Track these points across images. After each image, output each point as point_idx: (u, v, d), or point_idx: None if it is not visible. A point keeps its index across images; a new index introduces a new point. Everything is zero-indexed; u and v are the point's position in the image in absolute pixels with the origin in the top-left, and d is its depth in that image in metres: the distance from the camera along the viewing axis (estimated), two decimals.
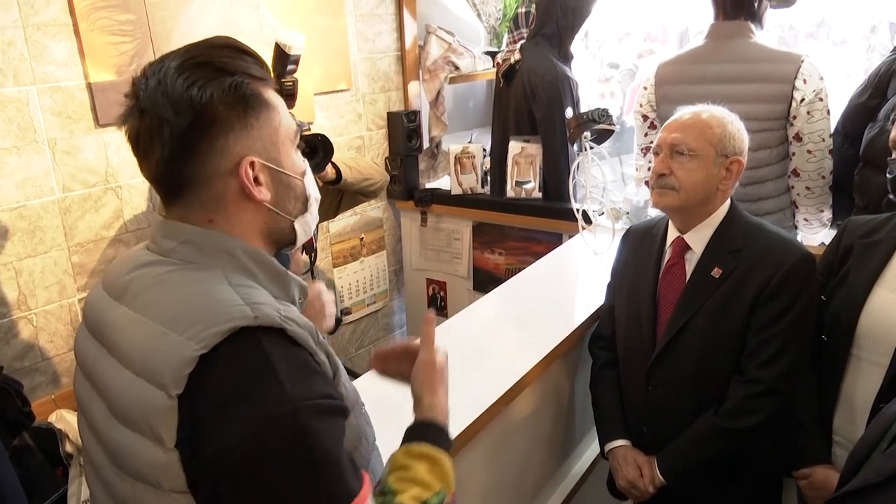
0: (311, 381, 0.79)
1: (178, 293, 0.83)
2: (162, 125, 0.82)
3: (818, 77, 2.00)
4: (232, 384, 0.75)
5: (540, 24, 2.82)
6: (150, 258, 0.89)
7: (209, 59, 0.84)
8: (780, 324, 1.49)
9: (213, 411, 0.74)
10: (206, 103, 0.82)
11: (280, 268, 0.91)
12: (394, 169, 3.18)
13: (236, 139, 0.85)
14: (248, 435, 0.72)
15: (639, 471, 1.64)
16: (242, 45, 0.89)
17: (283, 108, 0.91)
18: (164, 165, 0.84)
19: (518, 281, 2.25)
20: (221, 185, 0.86)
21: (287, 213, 0.93)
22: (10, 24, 1.88)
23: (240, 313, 0.78)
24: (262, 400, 0.74)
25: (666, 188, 1.56)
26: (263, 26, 2.51)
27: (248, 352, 0.76)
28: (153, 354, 0.78)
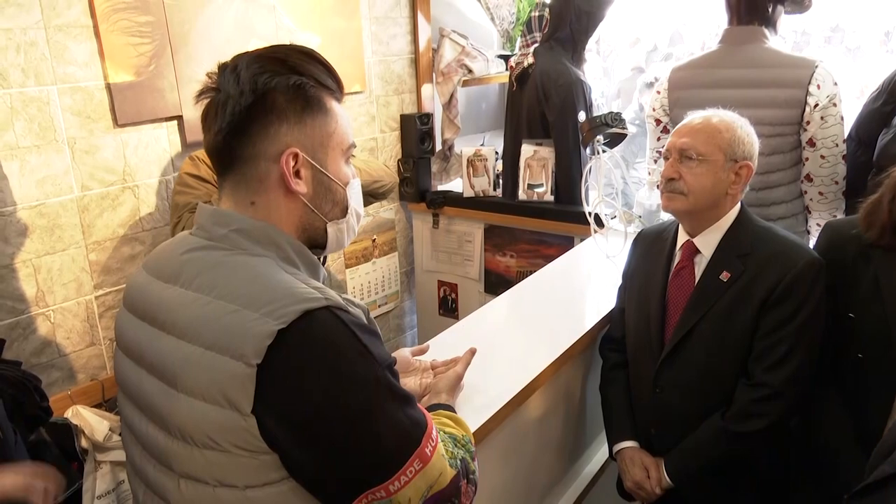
0: (381, 345, 0.92)
1: (243, 275, 0.90)
2: (227, 100, 0.91)
3: (832, 82, 2.00)
4: (327, 355, 0.84)
5: (553, 27, 2.83)
6: (200, 243, 0.96)
7: (285, 57, 0.94)
8: (787, 328, 1.49)
9: (311, 383, 0.83)
10: (268, 90, 0.91)
11: (315, 259, 1.00)
12: (406, 171, 3.20)
13: (288, 130, 0.93)
14: (360, 400, 0.85)
15: (646, 472, 1.65)
16: (320, 57, 0.98)
17: (342, 121, 0.99)
18: (222, 136, 0.93)
19: (529, 284, 2.25)
20: (265, 167, 0.94)
21: (322, 213, 0.99)
22: (32, 24, 1.91)
23: (311, 295, 0.86)
24: (361, 368, 0.86)
25: (675, 192, 1.57)
26: (279, 28, 2.54)
27: (333, 326, 0.86)
28: (228, 328, 0.85)
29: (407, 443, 0.89)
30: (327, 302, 0.86)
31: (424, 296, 3.47)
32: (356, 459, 0.86)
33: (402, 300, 3.47)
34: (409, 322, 3.54)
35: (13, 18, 1.87)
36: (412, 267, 3.48)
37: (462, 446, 1.04)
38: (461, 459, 0.99)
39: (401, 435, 0.89)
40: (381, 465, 0.87)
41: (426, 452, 0.90)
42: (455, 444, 1.03)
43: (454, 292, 3.35)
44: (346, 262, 3.09)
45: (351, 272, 3.12)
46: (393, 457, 0.88)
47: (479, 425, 1.41)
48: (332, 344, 0.85)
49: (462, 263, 3.27)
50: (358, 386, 0.86)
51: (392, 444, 0.88)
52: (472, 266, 3.24)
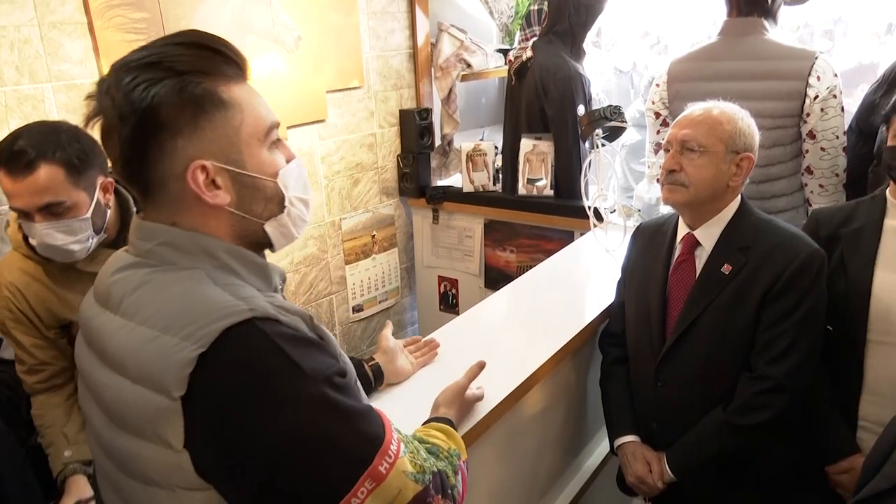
0: (318, 355, 0.82)
1: (164, 295, 0.82)
2: (111, 129, 0.81)
3: (832, 74, 1.99)
4: (252, 377, 0.76)
5: (552, 21, 2.81)
6: (129, 261, 0.88)
7: (159, 59, 0.81)
8: (789, 320, 1.48)
9: (240, 408, 0.75)
10: (147, 107, 0.79)
11: (261, 260, 0.91)
12: (406, 166, 3.19)
13: (186, 142, 0.81)
14: (291, 425, 0.76)
15: (648, 466, 1.64)
16: (206, 41, 0.84)
17: (250, 106, 0.87)
18: (120, 167, 0.84)
19: (529, 278, 2.25)
20: (176, 188, 0.83)
21: (255, 216, 0.89)
22: (26, 22, 1.90)
23: (234, 308, 0.78)
24: (290, 385, 0.77)
25: (676, 184, 1.56)
26: (276, 24, 2.53)
27: (256, 343, 0.77)
28: (148, 359, 0.78)
29: (354, 463, 0.80)
30: (251, 314, 0.78)
31: (425, 291, 3.47)
32: (296, 488, 0.78)
33: (403, 296, 3.47)
34: (409, 318, 3.54)
35: (7, 15, 1.87)
36: (412, 263, 3.47)
37: (444, 458, 0.97)
38: (436, 473, 0.92)
39: (347, 455, 0.80)
40: (326, 492, 0.79)
41: (380, 471, 0.82)
42: (434, 455, 0.97)
43: (454, 288, 3.35)
44: (346, 258, 3.08)
45: (351, 268, 3.12)
46: (338, 481, 0.79)
47: (478, 420, 1.41)
48: (254, 363, 0.76)
49: (462, 259, 3.27)
50: (287, 407, 0.77)
51: (336, 467, 0.79)
52: (472, 261, 3.24)
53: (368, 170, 3.10)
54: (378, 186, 3.18)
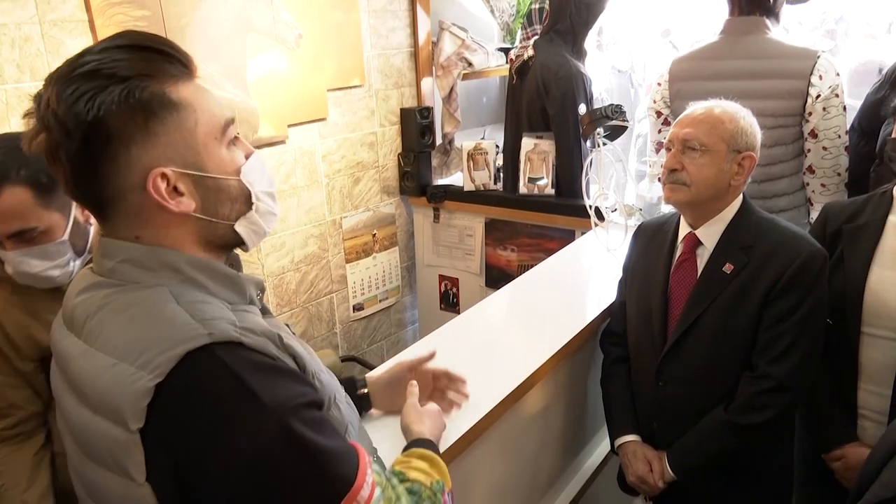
0: (283, 383, 0.77)
1: (124, 317, 0.78)
2: (58, 148, 0.76)
3: (834, 73, 1.99)
4: (207, 407, 0.72)
5: (553, 20, 2.81)
6: (92, 280, 0.84)
7: (97, 67, 0.75)
8: (791, 319, 1.48)
9: (197, 440, 0.72)
10: (93, 119, 0.74)
11: (230, 271, 0.86)
12: (407, 165, 3.19)
13: (140, 151, 0.77)
14: (246, 457, 0.72)
15: (649, 466, 1.64)
16: (146, 41, 0.79)
17: (201, 104, 0.81)
18: (73, 186, 0.79)
19: (530, 277, 2.24)
20: (136, 200, 0.79)
21: (223, 218, 0.85)
22: (26, 19, 1.90)
23: (192, 333, 0.74)
24: (245, 418, 0.72)
25: (677, 183, 1.55)
26: (277, 22, 2.52)
27: (212, 371, 0.73)
28: (106, 388, 0.74)
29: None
30: (209, 339, 0.73)
31: (425, 290, 3.46)
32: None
33: (403, 295, 3.46)
34: (410, 317, 3.54)
35: (7, 13, 1.86)
36: (413, 261, 3.47)
37: (428, 498, 0.91)
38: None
39: (307, 498, 0.75)
40: None
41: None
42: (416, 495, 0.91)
43: (455, 287, 3.34)
44: (347, 256, 3.08)
45: (351, 267, 3.12)
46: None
47: (479, 419, 1.41)
48: (209, 393, 0.72)
49: (463, 258, 3.26)
50: (242, 441, 0.72)
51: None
52: (472, 260, 3.23)
53: (369, 168, 3.10)
54: (379, 185, 3.17)
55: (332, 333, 3.10)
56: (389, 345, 3.42)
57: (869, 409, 1.60)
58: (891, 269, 1.54)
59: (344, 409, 0.95)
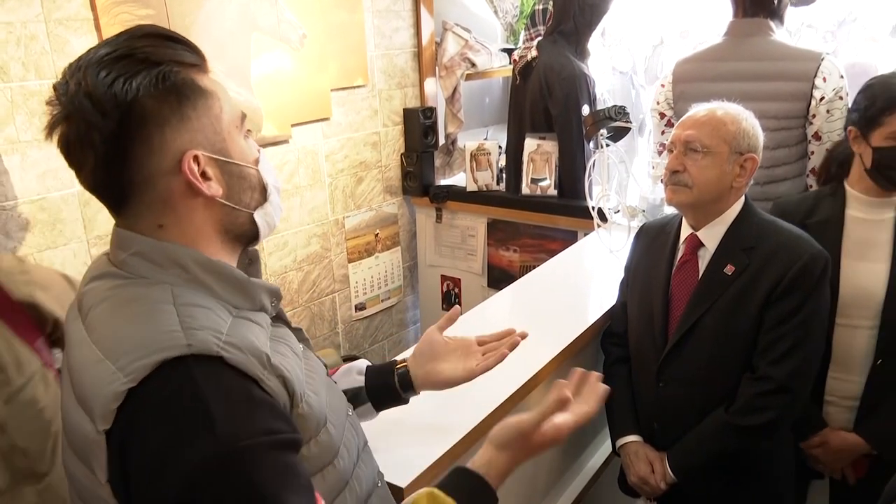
0: (253, 415, 0.73)
1: (119, 314, 0.78)
2: (90, 130, 0.75)
3: (838, 75, 1.99)
4: (162, 424, 0.70)
5: (557, 21, 2.81)
6: (105, 269, 0.84)
7: (130, 51, 0.77)
8: (792, 321, 1.48)
9: (144, 454, 0.70)
10: (132, 99, 0.75)
11: (240, 276, 0.85)
12: (409, 165, 3.19)
13: (174, 134, 0.78)
14: (181, 483, 0.68)
15: (650, 467, 1.64)
16: (166, 32, 0.82)
17: (223, 94, 0.84)
18: (102, 172, 0.78)
19: (532, 278, 2.25)
20: (165, 185, 0.79)
21: (244, 206, 0.86)
22: (32, 18, 1.91)
23: (171, 342, 0.72)
24: (193, 445, 0.68)
25: (679, 185, 1.56)
26: (281, 22, 2.53)
27: (178, 387, 0.71)
28: (88, 383, 0.74)
29: None
30: (188, 350, 0.71)
31: (427, 290, 3.46)
32: None
33: (405, 295, 3.47)
34: (412, 317, 3.54)
35: (13, 12, 1.87)
36: (415, 261, 3.47)
37: None
38: None
39: None
40: None
41: None
42: None
43: (457, 287, 3.35)
44: (349, 256, 3.08)
45: (353, 267, 3.12)
46: None
47: (481, 420, 1.41)
48: (169, 408, 0.70)
49: (465, 258, 3.27)
50: (181, 468, 0.68)
51: None
52: (475, 260, 3.24)
53: (372, 168, 3.10)
54: (381, 185, 3.18)
55: (334, 333, 3.10)
56: (391, 344, 3.43)
57: (835, 395, 1.70)
58: (859, 259, 1.64)
59: (337, 433, 0.91)
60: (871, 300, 1.61)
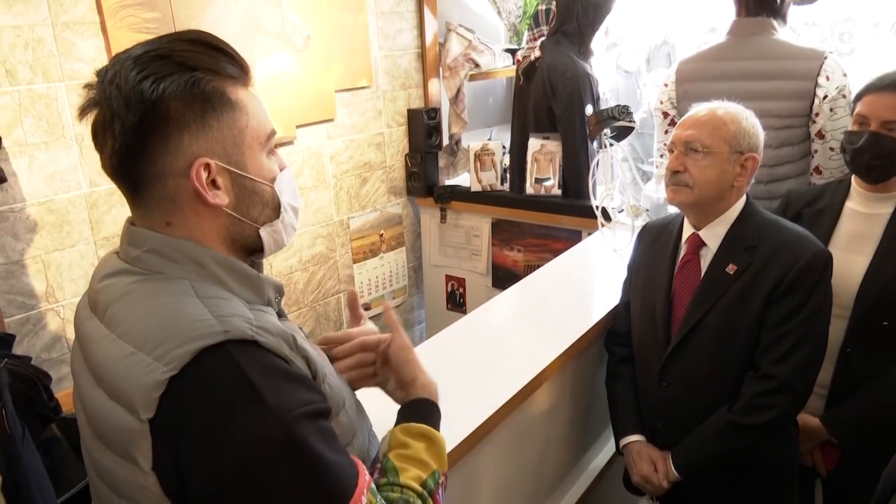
0: (292, 389, 0.77)
1: (145, 307, 0.80)
2: (113, 118, 0.79)
3: (841, 74, 1.99)
4: (211, 405, 0.73)
5: (560, 21, 2.81)
6: (117, 267, 0.86)
7: (169, 52, 0.80)
8: (794, 320, 1.49)
9: (196, 436, 0.73)
10: (157, 98, 0.78)
11: (252, 272, 0.88)
12: (413, 166, 3.20)
13: (192, 139, 0.80)
14: (240, 458, 0.72)
15: (653, 466, 1.64)
16: (214, 41, 0.84)
17: (254, 109, 0.86)
18: (117, 159, 0.81)
19: (537, 278, 2.25)
20: (175, 185, 0.82)
21: (251, 220, 0.88)
22: (39, 21, 1.92)
23: (208, 329, 0.75)
24: (246, 419, 0.73)
25: (680, 185, 1.56)
26: (286, 23, 2.54)
27: (222, 370, 0.74)
28: (122, 376, 0.76)
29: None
30: (225, 336, 0.75)
31: (432, 290, 3.47)
32: None
33: (410, 295, 3.48)
34: (416, 317, 3.55)
35: (21, 15, 1.89)
36: (420, 262, 3.48)
37: (425, 499, 0.90)
38: None
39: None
40: None
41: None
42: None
43: (462, 287, 3.35)
44: (354, 256, 3.10)
45: (358, 267, 3.13)
46: None
47: (485, 419, 1.41)
48: (217, 392, 0.73)
49: (470, 258, 3.27)
50: (240, 443, 0.72)
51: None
52: (479, 260, 3.24)
53: (376, 169, 3.11)
54: (386, 185, 3.19)
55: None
56: None
57: None
58: (845, 250, 1.66)
59: (352, 415, 0.95)
60: (846, 290, 1.64)
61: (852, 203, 1.70)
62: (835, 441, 1.69)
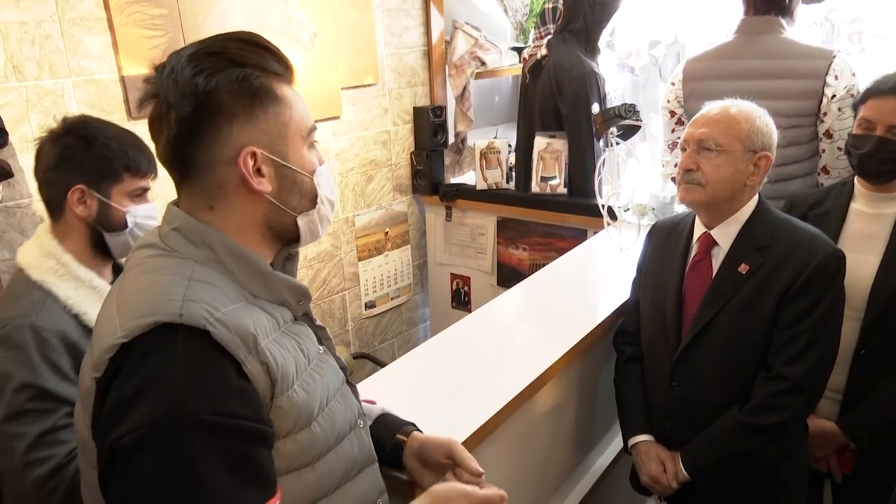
0: (215, 393, 0.77)
1: (142, 280, 0.86)
2: (169, 109, 0.85)
3: (850, 73, 1.98)
4: (138, 378, 0.76)
5: (567, 19, 2.81)
6: (149, 240, 0.91)
7: (222, 50, 0.87)
8: (807, 320, 1.48)
9: (114, 401, 0.77)
10: (210, 91, 0.84)
11: (265, 268, 0.91)
12: (419, 164, 3.20)
13: (240, 129, 0.86)
14: (134, 433, 0.73)
15: (661, 466, 1.63)
16: (262, 41, 0.90)
17: (297, 106, 0.92)
18: (171, 147, 0.87)
19: (542, 276, 2.25)
20: (223, 172, 0.87)
21: (290, 208, 0.93)
22: (47, 17, 1.92)
23: (168, 308, 0.79)
24: (154, 402, 0.74)
25: (693, 184, 1.55)
26: (292, 21, 2.54)
27: (161, 349, 0.77)
28: (99, 335, 0.83)
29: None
30: (179, 319, 0.77)
31: (437, 289, 3.47)
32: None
33: (415, 293, 3.47)
34: (421, 315, 3.55)
35: (28, 11, 1.89)
36: (425, 260, 3.48)
37: None
38: None
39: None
40: None
41: None
42: None
43: (467, 285, 3.35)
44: (359, 254, 3.10)
45: (363, 265, 3.13)
46: None
47: (490, 416, 1.41)
48: (143, 367, 0.76)
49: (475, 256, 3.27)
50: (136, 419, 0.73)
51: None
52: (484, 259, 3.24)
53: (382, 167, 3.11)
54: (391, 183, 3.19)
55: (345, 331, 3.12)
56: (401, 342, 3.44)
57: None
58: (853, 251, 1.62)
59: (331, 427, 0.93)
60: (857, 291, 1.63)
61: (857, 204, 1.70)
62: (852, 446, 1.67)
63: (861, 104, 1.66)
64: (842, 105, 1.97)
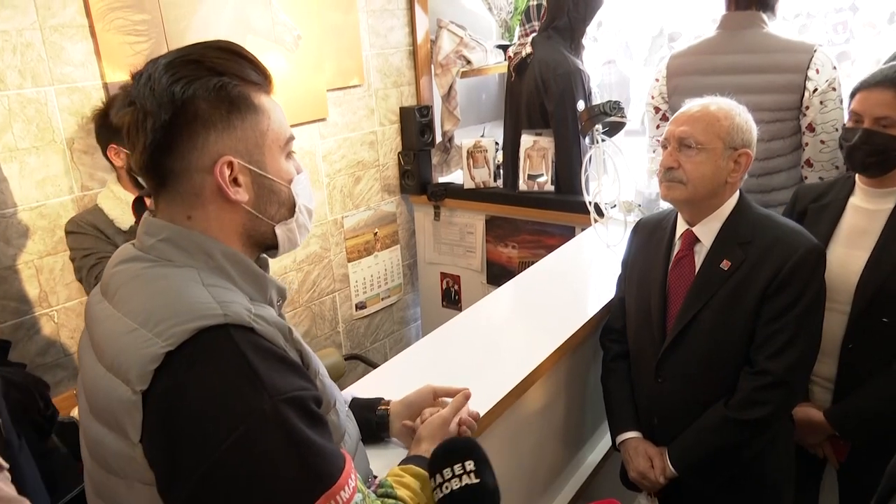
0: (286, 373, 0.81)
1: (151, 289, 0.85)
2: (146, 117, 0.84)
3: (831, 66, 1.99)
4: (209, 379, 0.76)
5: (551, 16, 2.81)
6: (132, 254, 0.91)
7: (200, 58, 0.86)
8: (789, 315, 1.49)
9: (193, 408, 0.75)
10: (187, 99, 0.84)
11: (257, 270, 0.92)
12: (407, 164, 3.20)
13: (217, 137, 0.86)
14: (235, 429, 0.75)
15: (650, 462, 1.65)
16: (241, 50, 0.90)
17: (275, 115, 0.92)
18: (147, 155, 0.86)
19: (531, 274, 2.26)
20: (199, 180, 0.87)
21: (268, 217, 0.93)
22: (28, 26, 1.91)
23: (209, 311, 0.79)
24: (243, 393, 0.76)
25: (674, 181, 1.56)
26: (276, 24, 2.53)
27: (221, 349, 0.78)
28: (121, 349, 0.80)
29: (294, 497, 0.77)
30: (225, 319, 0.79)
31: (427, 288, 3.48)
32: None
33: (405, 293, 3.48)
34: (412, 314, 3.55)
35: (8, 20, 1.88)
36: (414, 259, 3.48)
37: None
38: None
39: (286, 486, 0.76)
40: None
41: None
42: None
43: (457, 284, 3.36)
44: (349, 255, 3.09)
45: (353, 266, 3.13)
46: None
47: (482, 414, 1.41)
48: (215, 368, 0.77)
49: (464, 255, 3.28)
50: (234, 418, 0.75)
51: (270, 497, 0.76)
52: (474, 257, 3.25)
53: (370, 167, 3.11)
54: (379, 184, 3.19)
55: (335, 332, 3.12)
56: (392, 342, 3.44)
57: (819, 376, 1.74)
58: (846, 245, 1.67)
59: (342, 419, 0.99)
60: (846, 285, 1.65)
61: (856, 199, 1.71)
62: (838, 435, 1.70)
63: (851, 98, 1.67)
64: (823, 98, 1.98)
